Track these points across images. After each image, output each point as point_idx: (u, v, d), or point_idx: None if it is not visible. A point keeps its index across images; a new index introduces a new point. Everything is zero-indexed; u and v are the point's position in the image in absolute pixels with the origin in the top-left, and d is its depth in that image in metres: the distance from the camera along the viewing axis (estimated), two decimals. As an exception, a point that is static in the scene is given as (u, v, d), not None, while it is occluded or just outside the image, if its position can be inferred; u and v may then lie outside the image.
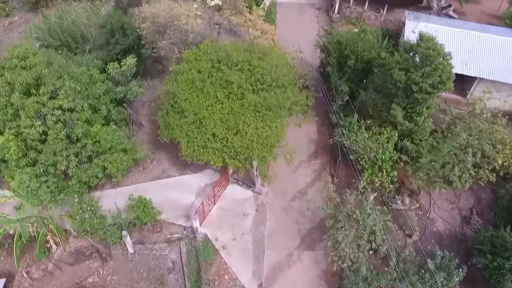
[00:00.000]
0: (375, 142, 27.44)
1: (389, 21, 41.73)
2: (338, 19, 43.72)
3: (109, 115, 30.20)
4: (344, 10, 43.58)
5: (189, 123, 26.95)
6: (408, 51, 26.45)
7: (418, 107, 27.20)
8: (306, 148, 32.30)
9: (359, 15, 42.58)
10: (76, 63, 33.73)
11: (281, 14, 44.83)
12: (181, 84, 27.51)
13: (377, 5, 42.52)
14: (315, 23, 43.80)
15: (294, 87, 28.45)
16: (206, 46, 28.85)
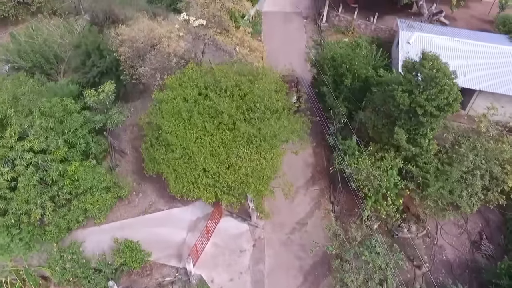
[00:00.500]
0: (378, 169, 25.31)
1: (380, 29, 39.56)
2: (326, 28, 41.36)
3: (88, 148, 27.30)
4: (333, 18, 41.23)
5: (177, 158, 24.30)
6: (411, 71, 24.27)
7: (422, 129, 25.15)
8: (303, 173, 29.94)
9: (349, 23, 40.30)
10: (49, 90, 30.65)
11: (267, 24, 42.23)
12: (165, 114, 24.76)
13: (367, 13, 40.29)
14: (303, 33, 41.33)
15: (289, 112, 26.01)
16: (191, 71, 26.11)
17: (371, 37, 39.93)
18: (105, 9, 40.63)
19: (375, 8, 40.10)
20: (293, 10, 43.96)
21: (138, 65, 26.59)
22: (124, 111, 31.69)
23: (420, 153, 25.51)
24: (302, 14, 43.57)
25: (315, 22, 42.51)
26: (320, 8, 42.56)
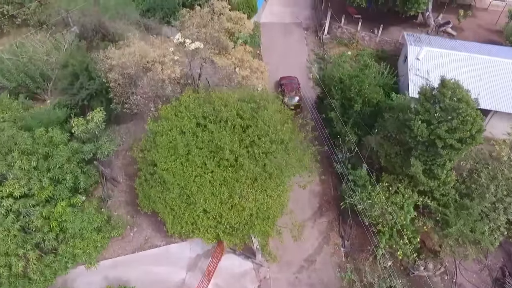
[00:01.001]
0: (393, 204, 23.06)
1: (385, 41, 37.23)
2: (329, 40, 38.95)
3: (77, 183, 24.79)
4: (335, 30, 38.81)
5: (174, 198, 21.86)
6: (429, 99, 21.96)
7: (440, 159, 22.92)
8: (309, 203, 27.62)
9: (352, 35, 37.93)
10: (34, 116, 28.01)
11: (266, 36, 39.71)
12: (160, 149, 22.27)
13: (371, 25, 37.95)
14: (304, 46, 38.88)
15: (295, 142, 23.61)
16: (188, 98, 23.62)
17: (375, 50, 37.64)
18: (94, 23, 37.99)
19: (379, 19, 37.76)
20: (293, 20, 41.48)
21: (129, 93, 24.04)
22: (115, 138, 29.15)
23: (438, 186, 23.34)
24: (302, 25, 41.09)
25: (316, 33, 40.05)
26: (321, 19, 40.10)
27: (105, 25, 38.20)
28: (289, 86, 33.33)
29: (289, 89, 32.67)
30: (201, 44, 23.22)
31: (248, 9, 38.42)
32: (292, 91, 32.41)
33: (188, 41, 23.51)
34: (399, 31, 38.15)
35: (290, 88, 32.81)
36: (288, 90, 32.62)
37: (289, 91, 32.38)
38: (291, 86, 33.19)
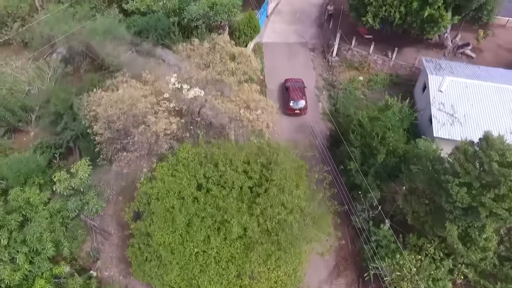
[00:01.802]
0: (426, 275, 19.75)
1: (400, 65, 33.67)
2: (338, 63, 35.30)
3: (61, 249, 21.22)
4: (345, 52, 35.18)
5: (173, 277, 18.38)
6: (471, 159, 18.52)
7: (479, 223, 19.60)
8: (324, 261, 24.12)
9: (363, 58, 34.34)
10: (11, 166, 24.28)
11: (269, 58, 35.95)
12: (156, 217, 18.74)
13: (384, 46, 34.35)
14: (311, 70, 35.23)
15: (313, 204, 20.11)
16: (187, 154, 20.03)
17: (389, 74, 34.09)
18: (81, 47, 34.07)
19: (392, 40, 34.10)
20: (298, 40, 37.68)
21: (118, 149, 20.36)
22: (104, 188, 25.45)
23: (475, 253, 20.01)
24: (308, 46, 37.33)
25: (324, 55, 36.38)
26: (329, 39, 36.40)
27: (93, 49, 34.46)
28: (295, 89, 31.18)
29: (294, 93, 30.72)
30: (201, 92, 19.61)
31: (250, 30, 34.67)
32: (298, 95, 30.33)
33: (185, 87, 19.87)
34: (414, 52, 34.60)
35: (296, 91, 30.75)
36: (294, 93, 30.70)
37: (295, 95, 30.47)
38: (296, 89, 31.07)
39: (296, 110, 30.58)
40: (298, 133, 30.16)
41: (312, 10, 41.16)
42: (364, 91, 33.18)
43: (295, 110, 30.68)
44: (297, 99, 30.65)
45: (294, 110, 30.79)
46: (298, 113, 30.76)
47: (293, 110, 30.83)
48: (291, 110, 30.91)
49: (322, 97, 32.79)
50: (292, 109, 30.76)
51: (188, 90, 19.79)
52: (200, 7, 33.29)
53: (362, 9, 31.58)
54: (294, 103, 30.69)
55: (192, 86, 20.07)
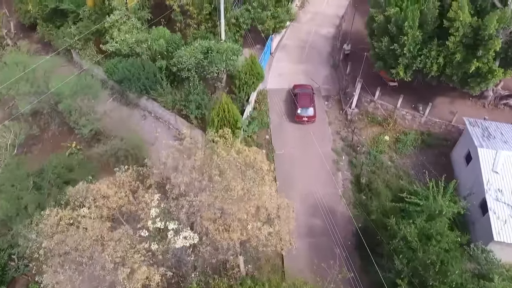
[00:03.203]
0: None
1: (433, 122, 27.36)
2: (357, 116, 28.83)
3: None
4: (366, 104, 28.78)
5: None
6: None
7: None
8: None
9: (389, 113, 27.98)
10: None
11: (275, 110, 29.31)
12: None
13: (413, 98, 27.87)
14: (325, 125, 28.69)
15: None
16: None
17: (419, 132, 27.65)
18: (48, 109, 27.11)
19: (423, 90, 27.71)
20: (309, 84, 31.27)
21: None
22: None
23: None
24: (320, 92, 30.80)
25: (340, 105, 29.89)
26: (346, 86, 29.87)
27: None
28: (303, 96, 29.00)
29: (303, 99, 28.66)
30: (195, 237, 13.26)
31: (253, 78, 28.05)
32: (307, 102, 28.48)
33: (172, 227, 13.48)
34: (448, 104, 28.19)
35: (304, 99, 28.67)
36: (302, 100, 28.63)
37: (303, 101, 28.51)
38: (305, 96, 28.92)
39: (304, 118, 28.40)
40: (313, 217, 23.97)
41: (323, 45, 34.48)
42: (391, 155, 26.83)
43: (303, 118, 28.46)
44: (306, 106, 28.36)
45: (302, 118, 28.55)
46: (305, 121, 28.60)
47: (301, 118, 28.65)
48: (299, 117, 28.76)
49: (342, 164, 26.47)
50: (300, 116, 28.62)
51: (175, 234, 13.37)
52: (192, 54, 26.61)
53: (392, 59, 25.10)
54: (303, 110, 28.44)
55: (181, 223, 13.65)
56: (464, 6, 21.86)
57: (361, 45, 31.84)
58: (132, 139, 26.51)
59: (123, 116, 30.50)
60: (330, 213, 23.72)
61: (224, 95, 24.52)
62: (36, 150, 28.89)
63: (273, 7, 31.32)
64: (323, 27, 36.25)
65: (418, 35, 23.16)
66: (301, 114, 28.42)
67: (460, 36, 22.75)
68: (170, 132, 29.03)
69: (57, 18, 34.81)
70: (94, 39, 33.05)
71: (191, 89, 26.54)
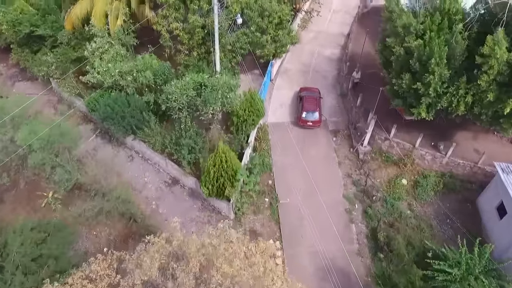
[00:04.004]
0: None
1: (456, 164, 23.97)
2: (369, 155, 25.40)
3: None
4: (380, 141, 25.31)
5: None
6: None
7: None
8: None
9: (407, 152, 24.54)
10: None
11: (278, 148, 25.54)
12: None
13: (434, 135, 24.43)
14: (334, 166, 25.14)
15: None
16: None
17: (440, 174, 24.21)
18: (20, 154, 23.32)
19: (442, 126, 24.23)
20: (314, 117, 27.78)
21: None
22: None
23: None
24: (328, 125, 27.20)
25: (350, 141, 26.38)
26: (357, 120, 26.33)
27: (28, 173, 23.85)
28: (309, 99, 27.42)
29: (308, 103, 27.11)
30: None
31: (252, 115, 24.41)
32: (312, 106, 26.91)
33: None
34: (471, 140, 24.63)
35: (310, 102, 27.15)
36: (308, 103, 27.08)
37: (309, 105, 26.95)
38: (311, 99, 27.34)
39: (308, 122, 26.81)
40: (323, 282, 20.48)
41: (327, 68, 30.85)
42: (410, 202, 23.39)
43: (308, 122, 26.83)
44: (312, 110, 26.64)
45: (307, 122, 26.90)
46: (310, 125, 27.00)
47: (306, 122, 26.97)
48: (303, 122, 27.02)
49: (355, 214, 23.03)
50: (304, 120, 26.91)
51: None
52: (183, 92, 22.91)
53: (413, 97, 21.55)
54: (308, 114, 26.68)
55: None
56: (501, 41, 18.31)
57: (371, 69, 28.41)
58: (119, 191, 22.88)
59: (107, 156, 26.84)
60: (343, 276, 20.37)
61: (221, 144, 20.85)
62: (8, 198, 25.08)
63: (273, 30, 27.62)
64: (327, 47, 32.61)
65: (446, 73, 19.63)
66: (306, 118, 26.76)
67: (494, 74, 19.29)
68: (160, 176, 25.31)
69: (33, 42, 30.87)
70: (74, 68, 29.24)
71: (182, 132, 22.87)
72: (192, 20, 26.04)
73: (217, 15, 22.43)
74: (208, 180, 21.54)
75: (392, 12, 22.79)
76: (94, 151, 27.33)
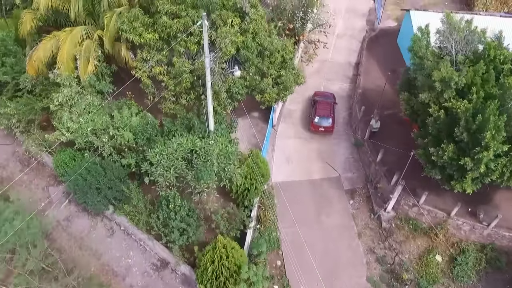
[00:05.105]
0: None
1: (500, 235, 19.77)
2: (394, 222, 21.07)
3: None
4: (406, 207, 20.96)
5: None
6: None
7: None
8: None
9: (440, 221, 20.21)
10: None
11: (285, 217, 20.72)
12: None
13: (470, 199, 20.18)
14: (353, 236, 20.49)
15: None
16: None
17: (480, 246, 19.97)
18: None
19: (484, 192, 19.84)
20: (325, 173, 22.77)
21: None
22: None
23: None
24: (342, 183, 22.61)
25: (369, 203, 21.91)
26: (377, 180, 21.83)
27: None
28: (323, 104, 25.58)
29: (322, 108, 25.27)
30: None
31: (256, 182, 19.74)
32: (326, 111, 25.08)
33: None
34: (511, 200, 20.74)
35: (324, 107, 25.38)
36: (321, 108, 25.24)
37: (322, 110, 25.12)
38: (325, 104, 25.51)
39: (320, 128, 24.93)
40: None
41: (336, 108, 26.32)
42: (448, 285, 19.20)
43: (320, 128, 24.91)
44: (325, 116, 24.75)
45: (319, 128, 24.97)
46: (322, 131, 25.08)
47: (317, 128, 25.03)
48: (315, 127, 25.11)
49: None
50: (316, 126, 24.98)
51: None
52: (170, 160, 18.15)
53: (454, 169, 17.10)
54: (320, 120, 24.73)
55: None
56: None
57: (388, 109, 24.03)
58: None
59: (84, 228, 21.98)
60: None
61: (220, 238, 16.25)
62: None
63: (275, 71, 22.85)
64: (334, 81, 27.92)
65: (503, 147, 15.24)
66: (318, 123, 24.87)
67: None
68: (147, 257, 20.50)
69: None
70: (40, 119, 24.15)
71: (171, 214, 18.16)
72: (178, 65, 21.20)
73: (209, 68, 17.55)
74: (205, 277, 16.96)
75: (423, 59, 18.25)
76: (67, 222, 22.39)
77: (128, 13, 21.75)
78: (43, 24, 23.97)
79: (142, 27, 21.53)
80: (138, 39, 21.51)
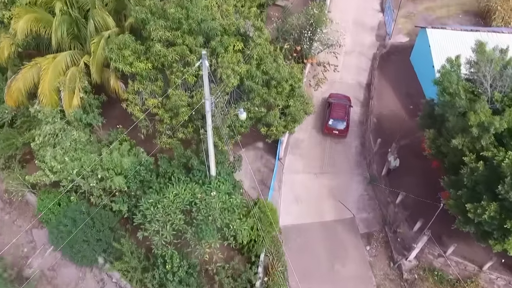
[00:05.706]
0: None
1: (537, 291, 17.62)
2: (416, 273, 18.76)
3: None
4: (431, 257, 18.58)
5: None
6: None
7: None
8: None
9: (470, 275, 17.92)
10: None
11: (296, 269, 18.26)
12: None
13: (504, 252, 17.99)
14: (372, 289, 18.65)
15: None
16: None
17: (514, 301, 17.94)
18: None
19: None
20: (339, 217, 20.29)
21: None
22: None
23: None
24: (357, 226, 20.12)
25: (387, 249, 19.51)
26: (396, 224, 19.41)
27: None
28: (338, 106, 24.57)
29: (337, 111, 24.27)
30: None
31: (263, 232, 17.34)
32: (340, 114, 24.07)
33: None
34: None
35: (339, 110, 24.37)
36: (336, 111, 24.26)
37: (336, 112, 24.13)
38: (340, 108, 24.48)
39: (334, 131, 24.07)
40: None
41: (348, 139, 23.78)
42: None
43: (333, 131, 24.08)
44: (339, 118, 23.78)
45: (332, 131, 24.10)
46: (336, 134, 24.22)
47: (331, 131, 24.14)
48: (328, 130, 24.18)
49: None
50: (330, 128, 24.10)
51: None
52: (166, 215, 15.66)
53: (493, 227, 14.75)
54: (335, 122, 23.82)
55: None
56: None
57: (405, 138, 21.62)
58: None
59: (71, 280, 19.46)
60: None
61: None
62: None
63: (282, 101, 20.33)
64: (344, 105, 25.64)
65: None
66: (332, 126, 23.97)
67: None
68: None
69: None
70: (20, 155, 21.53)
71: (168, 275, 15.71)
72: (174, 98, 18.62)
73: (209, 111, 15.00)
74: None
75: (455, 95, 15.79)
76: (53, 272, 19.89)
77: (116, 39, 19.12)
78: (23, 49, 21.33)
79: (133, 55, 18.88)
80: (128, 68, 18.88)
